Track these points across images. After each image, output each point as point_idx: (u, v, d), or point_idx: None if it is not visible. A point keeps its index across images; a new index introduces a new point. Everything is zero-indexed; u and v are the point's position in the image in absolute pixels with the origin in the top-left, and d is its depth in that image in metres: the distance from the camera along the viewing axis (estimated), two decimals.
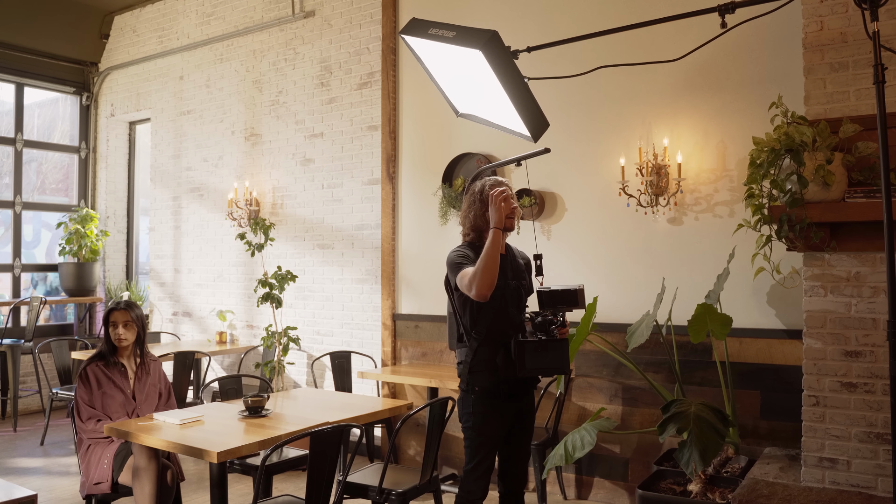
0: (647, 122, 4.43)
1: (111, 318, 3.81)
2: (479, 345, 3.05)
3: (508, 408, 3.12)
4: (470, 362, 3.07)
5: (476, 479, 3.08)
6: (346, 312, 5.84)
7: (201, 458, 3.05)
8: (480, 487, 3.08)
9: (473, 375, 3.07)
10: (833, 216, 3.06)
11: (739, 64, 4.14)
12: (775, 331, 3.98)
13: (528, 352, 2.94)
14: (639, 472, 4.38)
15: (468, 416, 3.10)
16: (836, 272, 3.17)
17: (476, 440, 3.09)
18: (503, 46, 2.76)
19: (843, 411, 3.14)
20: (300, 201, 6.18)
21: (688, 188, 4.26)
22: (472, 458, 3.09)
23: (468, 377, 3.08)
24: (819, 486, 3.17)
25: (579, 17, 4.67)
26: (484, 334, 3.05)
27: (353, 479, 3.51)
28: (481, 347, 3.05)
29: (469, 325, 3.08)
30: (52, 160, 8.15)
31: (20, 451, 5.79)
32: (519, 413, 3.17)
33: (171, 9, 7.34)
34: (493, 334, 3.04)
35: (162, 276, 7.33)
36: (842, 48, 3.23)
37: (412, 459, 5.35)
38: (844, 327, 3.15)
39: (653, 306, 3.94)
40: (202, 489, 4.74)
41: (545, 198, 4.78)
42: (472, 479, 3.08)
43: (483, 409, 3.08)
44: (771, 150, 3.11)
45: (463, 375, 3.11)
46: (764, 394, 4.00)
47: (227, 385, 4.47)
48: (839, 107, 3.23)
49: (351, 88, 5.86)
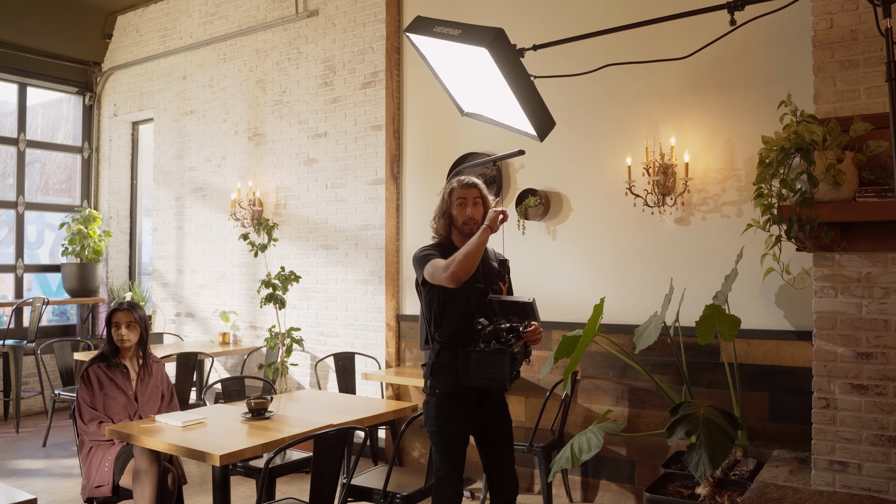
0: (653, 121, 4.39)
1: (113, 319, 3.79)
2: (442, 348, 3.03)
3: (475, 412, 3.07)
4: (431, 365, 3.06)
5: (449, 485, 3.01)
6: (350, 313, 5.81)
7: (204, 461, 3.02)
8: (454, 493, 3.02)
9: (434, 378, 3.05)
10: (844, 216, 3.01)
11: (747, 62, 4.10)
12: (784, 332, 3.94)
13: (472, 361, 2.88)
14: (645, 475, 4.33)
15: (432, 420, 3.06)
16: (847, 273, 3.12)
17: (441, 445, 3.04)
18: (509, 44, 2.72)
19: (853, 414, 3.10)
20: (304, 201, 6.15)
21: (695, 188, 4.22)
22: (442, 463, 3.03)
23: (429, 380, 3.07)
24: (830, 489, 3.13)
25: (585, 16, 4.63)
26: (447, 337, 3.02)
27: (357, 482, 3.47)
28: (443, 350, 3.03)
29: (433, 328, 3.06)
30: (55, 161, 8.13)
31: (22, 453, 5.77)
32: (488, 419, 3.11)
33: (175, 8, 7.31)
34: (456, 338, 3.01)
35: (165, 276, 7.31)
36: (852, 45, 3.19)
37: (416, 461, 5.31)
38: (855, 328, 3.11)
39: (660, 307, 3.90)
40: (205, 491, 4.71)
41: (551, 198, 4.74)
42: (445, 485, 3.01)
43: (444, 412, 3.04)
44: (781, 148, 3.07)
45: (425, 378, 3.10)
46: (772, 396, 3.96)
47: (230, 386, 4.44)
48: (849, 105, 3.19)
49: (355, 88, 5.83)
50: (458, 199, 3.13)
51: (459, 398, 3.03)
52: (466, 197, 3.12)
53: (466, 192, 3.13)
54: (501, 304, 2.94)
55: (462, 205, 3.12)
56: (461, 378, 2.91)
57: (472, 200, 3.12)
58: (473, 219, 3.10)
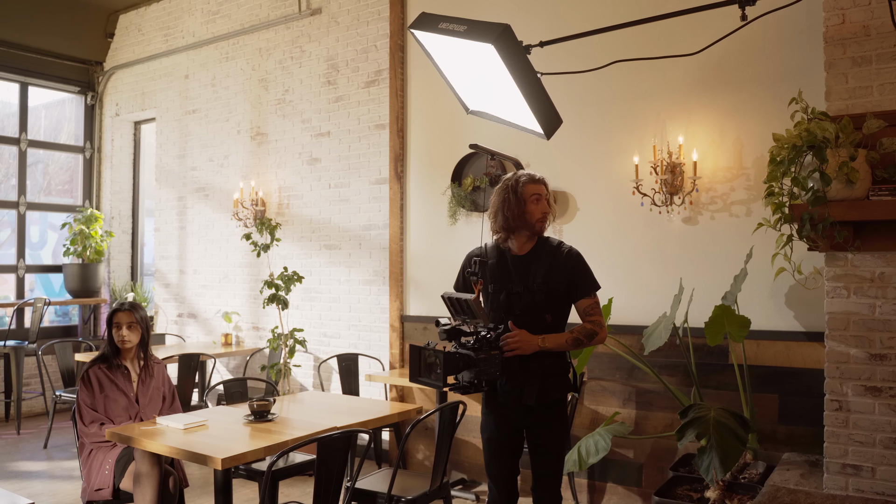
0: (661, 119, 4.33)
1: (115, 320, 3.74)
2: None
3: (515, 416, 2.96)
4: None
5: (492, 486, 3.02)
6: (354, 314, 5.76)
7: (205, 464, 2.97)
8: (495, 495, 3.00)
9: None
10: (857, 215, 2.96)
11: (756, 60, 4.04)
12: (794, 333, 3.88)
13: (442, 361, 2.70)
14: (653, 478, 4.28)
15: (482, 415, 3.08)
16: (860, 272, 3.07)
17: (483, 441, 3.05)
18: (516, 40, 2.68)
19: (867, 416, 3.04)
20: (307, 201, 6.10)
21: (703, 187, 4.16)
22: (485, 461, 3.05)
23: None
24: (843, 493, 3.07)
25: (590, 14, 4.58)
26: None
27: (362, 486, 3.42)
28: None
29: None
30: (57, 161, 8.09)
31: (23, 455, 5.73)
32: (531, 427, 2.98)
33: (177, 7, 7.27)
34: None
35: (167, 277, 7.27)
36: (864, 42, 3.13)
37: (420, 464, 5.26)
38: (868, 329, 3.05)
39: (670, 308, 3.85)
40: (206, 494, 4.67)
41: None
42: (490, 485, 3.03)
43: (485, 408, 3.04)
44: (792, 146, 3.02)
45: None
46: (782, 397, 3.90)
47: (232, 388, 4.40)
48: (862, 102, 3.13)
49: (358, 87, 5.78)
50: (534, 195, 2.96)
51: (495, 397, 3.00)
52: (540, 193, 2.98)
53: (538, 187, 2.99)
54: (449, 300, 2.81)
55: (537, 200, 2.96)
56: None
57: (544, 196, 3.00)
58: (546, 216, 2.99)
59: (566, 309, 3.00)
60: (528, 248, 3.00)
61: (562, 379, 2.96)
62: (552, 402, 2.94)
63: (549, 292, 2.91)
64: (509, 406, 2.94)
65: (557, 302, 2.95)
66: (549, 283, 2.91)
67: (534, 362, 2.87)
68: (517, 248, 3.00)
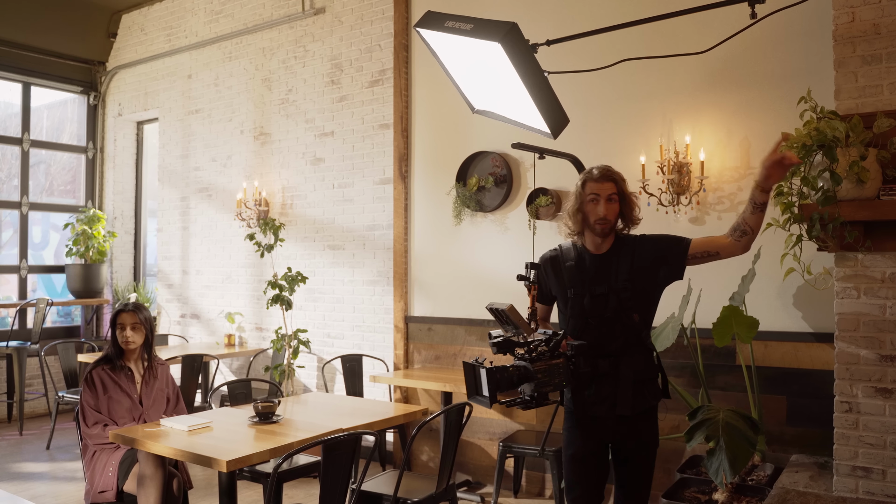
0: (668, 118, 4.30)
1: (118, 321, 3.72)
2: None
3: (604, 429, 2.72)
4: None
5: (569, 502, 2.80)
6: (358, 315, 5.74)
7: (210, 466, 2.95)
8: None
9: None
10: (867, 214, 2.92)
11: (763, 59, 4.01)
12: (802, 334, 3.85)
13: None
14: (659, 480, 4.24)
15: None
16: (871, 273, 3.04)
17: (564, 459, 2.82)
18: (523, 39, 2.66)
19: (877, 418, 3.01)
20: (310, 201, 6.08)
21: (710, 187, 4.13)
22: (566, 481, 2.83)
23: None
24: (853, 496, 3.04)
25: (596, 13, 4.55)
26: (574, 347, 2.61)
27: (367, 488, 3.40)
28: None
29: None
30: (60, 162, 8.07)
31: (26, 456, 5.71)
32: (621, 439, 2.75)
33: (180, 6, 7.25)
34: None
35: (170, 277, 7.25)
36: (874, 40, 3.10)
37: (425, 465, 5.23)
38: (879, 330, 3.02)
39: (677, 308, 3.82)
40: (211, 496, 4.64)
41: (562, 197, 4.66)
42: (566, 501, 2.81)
43: (567, 424, 2.80)
44: (802, 145, 2.98)
45: None
46: (790, 399, 3.87)
47: (236, 389, 4.38)
48: (871, 101, 3.10)
49: (362, 86, 5.75)
50: (591, 196, 2.71)
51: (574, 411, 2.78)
52: (600, 193, 2.70)
53: (600, 186, 2.71)
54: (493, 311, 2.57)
55: (594, 201, 2.70)
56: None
57: (607, 196, 2.70)
58: (607, 219, 2.70)
59: (653, 306, 2.80)
60: (606, 247, 2.77)
61: (654, 384, 2.76)
62: (644, 411, 2.72)
63: (635, 290, 2.70)
64: (600, 417, 2.70)
65: (645, 298, 2.74)
66: (634, 281, 2.70)
67: (625, 366, 2.66)
68: (594, 247, 2.78)
